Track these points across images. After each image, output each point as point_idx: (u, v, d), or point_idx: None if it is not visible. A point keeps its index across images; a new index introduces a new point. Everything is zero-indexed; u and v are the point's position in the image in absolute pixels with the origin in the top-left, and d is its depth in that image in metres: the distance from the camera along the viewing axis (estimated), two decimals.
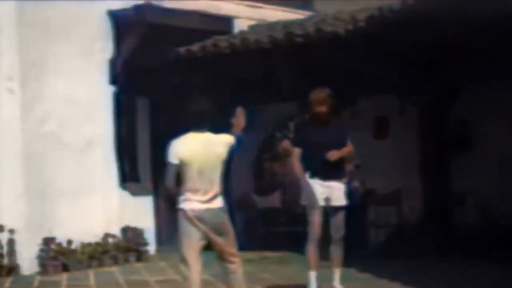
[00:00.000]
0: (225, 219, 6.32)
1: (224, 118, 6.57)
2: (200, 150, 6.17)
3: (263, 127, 12.50)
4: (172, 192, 6.25)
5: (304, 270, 8.02)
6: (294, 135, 8.28)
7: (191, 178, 6.18)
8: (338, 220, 7.90)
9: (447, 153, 11.02)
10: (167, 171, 6.20)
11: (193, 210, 6.19)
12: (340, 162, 7.88)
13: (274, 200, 13.17)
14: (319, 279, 7.84)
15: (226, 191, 6.45)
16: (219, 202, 6.28)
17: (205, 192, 6.18)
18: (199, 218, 6.18)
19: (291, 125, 8.11)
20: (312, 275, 7.79)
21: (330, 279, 7.85)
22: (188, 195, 6.21)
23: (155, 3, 11.07)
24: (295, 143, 7.87)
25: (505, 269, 8.63)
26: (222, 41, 11.30)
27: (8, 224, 10.03)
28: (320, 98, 7.82)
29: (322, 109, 7.78)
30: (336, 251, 7.90)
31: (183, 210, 6.23)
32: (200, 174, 6.15)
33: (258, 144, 13.10)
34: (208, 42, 11.37)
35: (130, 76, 11.34)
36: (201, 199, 6.19)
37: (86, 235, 10.57)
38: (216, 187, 6.24)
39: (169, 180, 6.21)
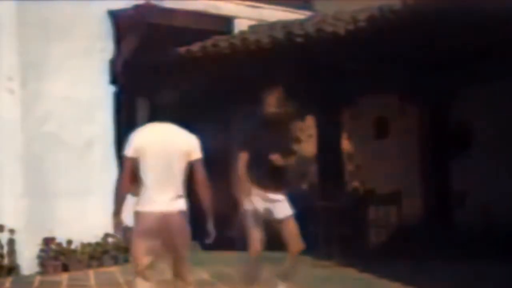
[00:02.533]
0: (184, 227, 5.50)
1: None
2: (159, 142, 5.47)
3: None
4: (120, 192, 5.56)
5: (304, 270, 8.00)
6: (243, 136, 7.42)
7: (147, 174, 5.44)
8: (289, 231, 7.22)
9: (447, 153, 11.03)
10: (123, 167, 5.55)
11: (148, 213, 5.44)
12: (284, 171, 7.03)
13: None
14: (319, 279, 7.82)
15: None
16: (181, 204, 5.48)
17: (163, 191, 5.43)
18: (153, 222, 5.42)
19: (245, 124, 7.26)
20: None
21: (330, 279, 7.83)
22: (142, 195, 5.48)
23: (155, 3, 11.07)
24: (244, 145, 7.00)
25: (505, 269, 8.63)
26: (222, 41, 11.31)
27: (8, 224, 10.02)
28: (274, 99, 7.12)
29: (275, 110, 7.06)
30: (289, 268, 7.21)
31: (136, 213, 5.51)
32: (157, 169, 5.42)
33: None
34: (208, 42, 11.37)
35: (130, 76, 11.34)
36: (157, 200, 5.44)
37: (86, 235, 10.56)
38: (178, 187, 5.47)
39: (121, 177, 5.55)
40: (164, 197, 5.42)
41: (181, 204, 5.48)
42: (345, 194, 11.86)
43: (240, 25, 12.40)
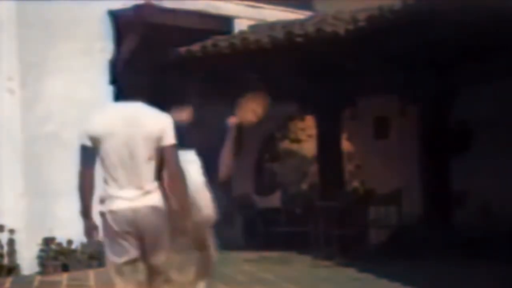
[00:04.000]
0: (160, 225, 4.50)
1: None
2: (121, 124, 4.49)
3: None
4: (83, 187, 4.51)
5: (304, 270, 8.00)
6: None
7: (109, 165, 4.46)
8: None
9: (447, 153, 11.02)
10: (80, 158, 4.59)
11: (112, 212, 4.47)
12: None
13: (274, 200, 13.18)
14: (319, 279, 7.83)
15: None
16: (153, 200, 4.50)
17: (130, 185, 4.46)
18: (122, 223, 4.46)
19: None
20: None
21: (330, 279, 7.84)
22: (105, 190, 4.51)
23: (155, 3, 11.07)
24: None
25: (505, 269, 8.62)
26: (222, 41, 11.30)
27: (8, 224, 10.02)
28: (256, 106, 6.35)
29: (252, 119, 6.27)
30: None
31: (101, 213, 4.54)
32: (120, 158, 4.45)
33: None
34: (208, 42, 11.37)
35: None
36: (123, 196, 4.46)
37: None
38: (148, 179, 4.49)
39: (81, 170, 4.53)
40: (129, 192, 4.45)
41: (153, 199, 4.50)
42: (345, 194, 11.86)
43: (240, 25, 12.40)
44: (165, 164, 4.54)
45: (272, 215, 12.69)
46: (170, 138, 4.53)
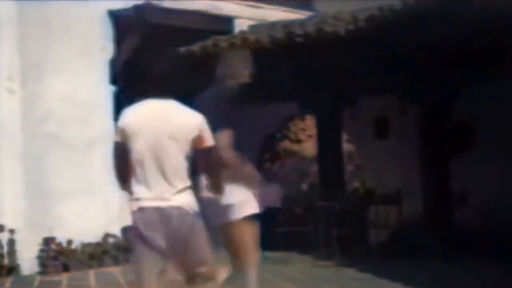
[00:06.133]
0: (194, 226, 4.31)
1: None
2: (151, 122, 4.35)
3: (263, 127, 12.50)
4: (122, 180, 4.51)
5: (304, 270, 7.99)
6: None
7: (138, 162, 4.34)
8: None
9: (447, 153, 11.02)
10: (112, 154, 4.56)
11: (140, 210, 4.32)
12: None
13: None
14: (319, 279, 7.83)
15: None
16: (184, 199, 4.31)
17: (159, 184, 4.30)
18: (150, 221, 4.28)
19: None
20: None
21: (330, 279, 7.84)
22: (135, 189, 4.38)
23: (155, 3, 11.07)
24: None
25: (505, 269, 8.62)
26: (222, 41, 11.29)
27: (8, 224, 10.03)
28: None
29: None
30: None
31: (131, 212, 4.40)
32: (149, 156, 4.31)
33: (258, 144, 13.10)
34: (208, 42, 11.36)
35: (130, 76, 11.34)
36: (152, 194, 4.31)
37: (86, 235, 10.56)
38: (180, 178, 4.32)
39: (115, 165, 4.55)
40: (157, 191, 4.31)
41: (186, 199, 4.34)
42: (345, 194, 11.86)
43: (240, 25, 12.40)
44: (203, 163, 4.47)
45: (272, 215, 12.68)
46: (209, 139, 4.42)
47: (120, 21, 11.30)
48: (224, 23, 12.23)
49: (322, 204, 10.65)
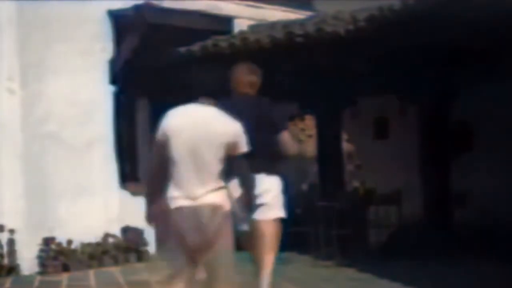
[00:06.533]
0: (223, 224, 4.59)
1: None
2: (193, 125, 4.62)
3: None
4: (151, 180, 4.81)
5: (304, 270, 7.99)
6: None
7: (176, 163, 4.60)
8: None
9: (447, 153, 11.03)
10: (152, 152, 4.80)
11: (177, 209, 4.58)
12: None
13: None
14: (319, 279, 7.83)
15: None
16: (216, 198, 4.60)
17: (195, 184, 4.57)
18: (186, 220, 4.55)
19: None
20: None
21: (330, 279, 7.83)
22: (173, 188, 4.63)
23: (155, 3, 11.07)
24: None
25: (506, 269, 8.62)
26: (222, 41, 11.29)
27: (8, 224, 10.03)
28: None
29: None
30: None
31: (169, 210, 4.67)
32: (188, 157, 4.58)
33: None
34: (208, 42, 11.36)
35: (130, 76, 11.34)
36: (190, 194, 4.57)
37: (86, 235, 10.56)
38: (213, 178, 4.61)
39: (151, 164, 4.81)
40: (196, 191, 4.57)
41: (218, 198, 4.60)
42: (345, 194, 11.86)
43: (240, 25, 12.40)
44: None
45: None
46: (244, 146, 4.73)
47: (120, 21, 11.31)
48: (224, 23, 12.24)
49: (322, 204, 10.64)
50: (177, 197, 4.58)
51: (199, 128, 4.60)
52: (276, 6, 13.21)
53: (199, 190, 4.55)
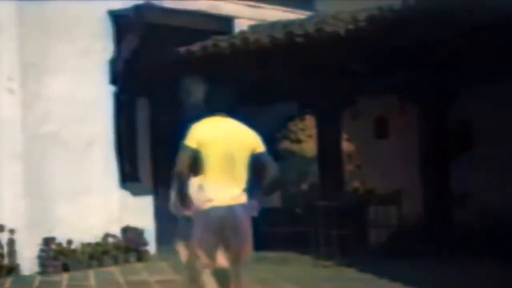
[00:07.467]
0: (245, 220, 5.33)
1: None
2: (223, 136, 5.30)
3: (263, 127, 12.48)
4: (182, 181, 5.24)
5: (304, 270, 7.98)
6: None
7: (211, 168, 5.24)
8: None
9: (447, 153, 11.02)
10: (180, 155, 5.23)
11: (213, 209, 5.23)
12: None
13: (274, 200, 13.17)
14: (319, 279, 7.82)
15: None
16: (244, 199, 5.33)
17: (229, 186, 5.26)
18: (219, 219, 5.23)
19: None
20: None
21: (330, 279, 7.82)
22: (207, 189, 5.25)
23: (155, 3, 11.07)
24: None
25: (505, 269, 8.62)
26: (222, 41, 11.29)
27: (8, 224, 10.03)
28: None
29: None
30: None
31: (200, 209, 5.27)
32: (222, 163, 5.24)
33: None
34: (208, 42, 11.36)
35: (130, 76, 11.34)
36: (223, 196, 5.25)
37: (86, 235, 10.57)
38: (241, 182, 5.32)
39: (181, 165, 5.20)
40: (228, 192, 5.24)
41: (244, 198, 5.32)
42: (345, 194, 11.86)
43: (240, 25, 12.41)
44: (261, 166, 5.41)
45: (272, 215, 12.67)
46: (262, 146, 5.44)
47: (120, 21, 11.31)
48: (224, 23, 12.25)
49: (322, 204, 10.64)
50: (215, 198, 5.21)
51: (231, 137, 5.31)
52: (276, 6, 13.21)
53: (234, 192, 5.25)
